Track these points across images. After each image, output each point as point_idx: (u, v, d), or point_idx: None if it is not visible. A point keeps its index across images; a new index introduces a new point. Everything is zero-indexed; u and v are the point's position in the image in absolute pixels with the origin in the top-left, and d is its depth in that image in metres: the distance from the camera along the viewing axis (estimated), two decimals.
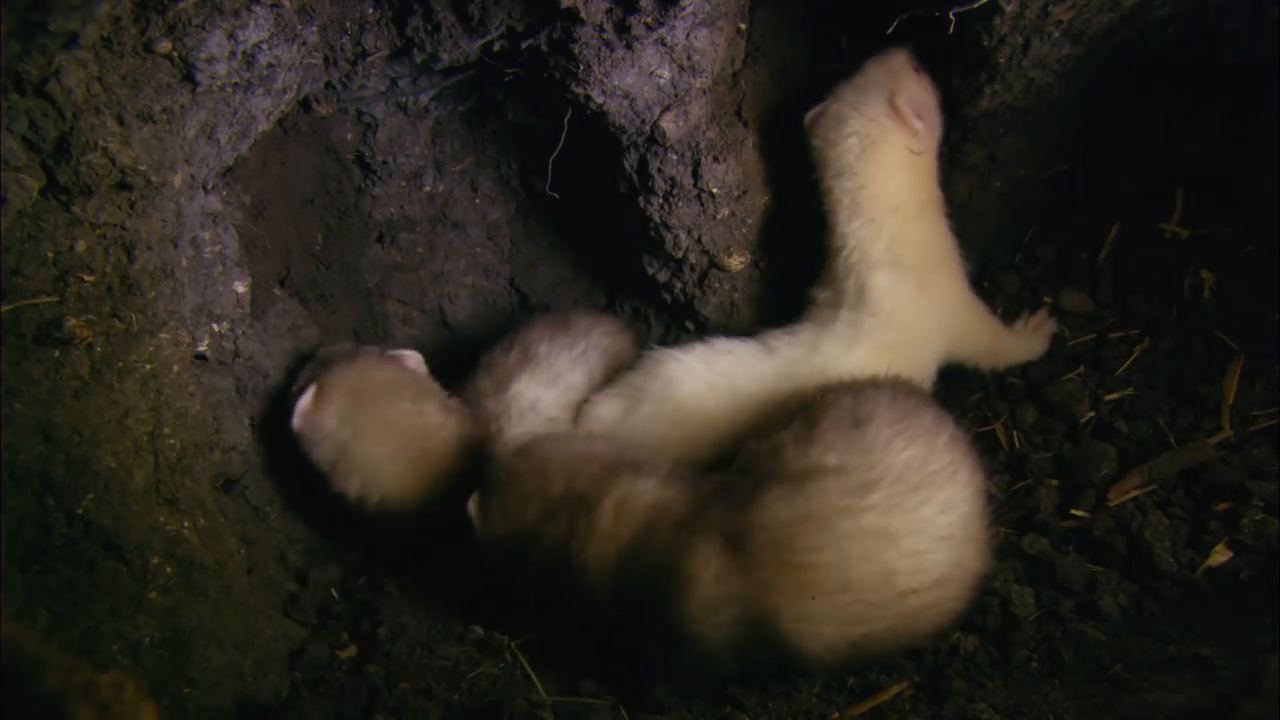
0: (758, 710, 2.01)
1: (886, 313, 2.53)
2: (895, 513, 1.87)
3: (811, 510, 1.89)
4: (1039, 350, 2.75)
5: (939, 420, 2.05)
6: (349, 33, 2.38)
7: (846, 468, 1.92)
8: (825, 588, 1.86)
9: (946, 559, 1.91)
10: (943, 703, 1.94)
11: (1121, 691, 1.86)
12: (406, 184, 2.95)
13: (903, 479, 1.89)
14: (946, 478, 1.93)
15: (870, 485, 1.89)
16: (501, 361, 2.78)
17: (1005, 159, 2.89)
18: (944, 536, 1.90)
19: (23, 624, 1.69)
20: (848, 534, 1.86)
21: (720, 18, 2.43)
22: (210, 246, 2.31)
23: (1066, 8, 2.40)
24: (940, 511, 1.90)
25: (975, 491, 1.98)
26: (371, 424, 2.52)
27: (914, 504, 1.88)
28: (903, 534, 1.87)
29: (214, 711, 1.91)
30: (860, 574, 1.86)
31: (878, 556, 1.86)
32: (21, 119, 1.79)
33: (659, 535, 2.01)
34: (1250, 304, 2.63)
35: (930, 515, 1.89)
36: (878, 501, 1.87)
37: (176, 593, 1.98)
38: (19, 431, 1.83)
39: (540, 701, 2.04)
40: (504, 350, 2.81)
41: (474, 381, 2.79)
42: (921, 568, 1.88)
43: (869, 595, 1.86)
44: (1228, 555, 2.12)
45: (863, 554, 1.85)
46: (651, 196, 2.70)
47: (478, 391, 2.75)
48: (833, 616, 1.88)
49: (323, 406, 2.49)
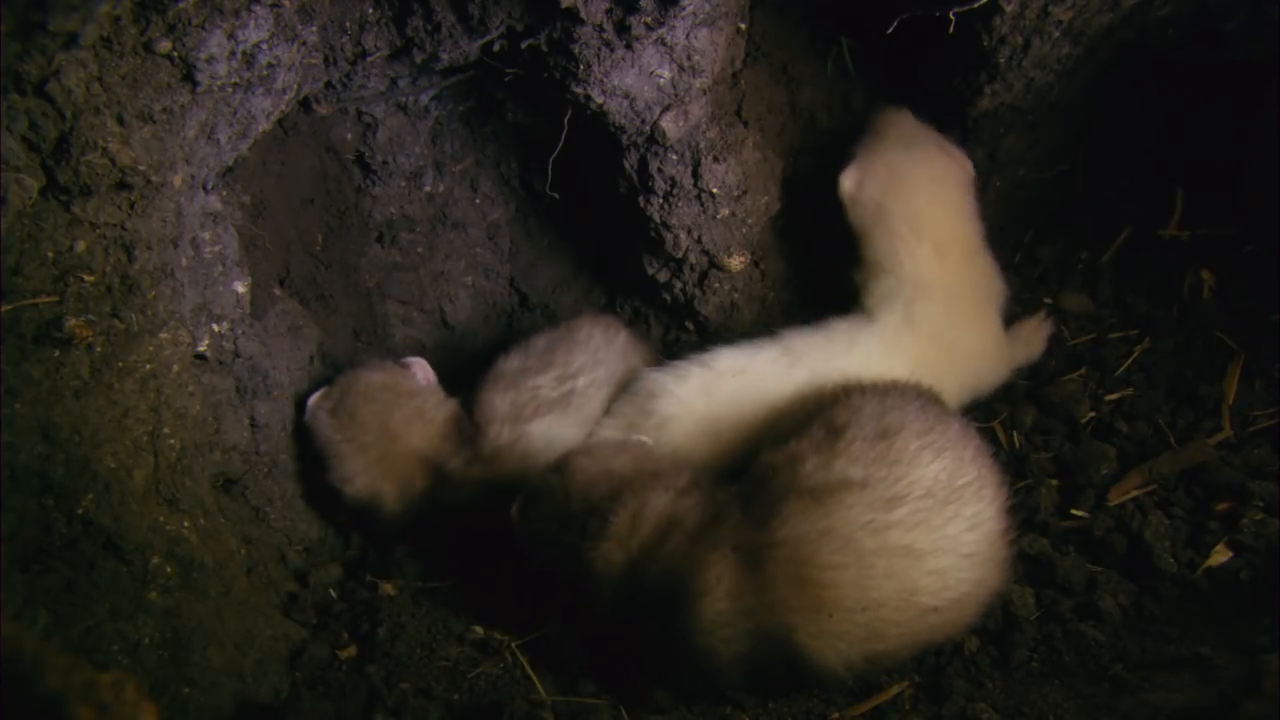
0: (758, 710, 2.01)
1: (927, 335, 2.52)
2: (922, 529, 1.80)
3: (833, 526, 1.81)
4: (1036, 354, 2.76)
5: (966, 432, 1.99)
6: (349, 33, 2.38)
7: (871, 481, 1.84)
8: (844, 606, 1.80)
9: (970, 576, 1.85)
10: (943, 703, 1.94)
11: (1121, 691, 1.86)
12: (406, 184, 2.95)
13: (931, 494, 1.82)
14: (974, 492, 1.87)
15: (896, 500, 1.81)
16: (528, 388, 2.64)
17: (1005, 159, 2.89)
18: (969, 554, 1.84)
19: (23, 624, 1.69)
20: (871, 551, 1.79)
21: (720, 18, 2.43)
22: (210, 246, 2.31)
23: (1066, 8, 2.40)
24: (967, 528, 1.84)
25: (1001, 507, 1.93)
26: (372, 425, 2.56)
27: (941, 520, 1.81)
28: (928, 551, 1.80)
29: (214, 711, 1.91)
30: (882, 593, 1.79)
31: (901, 574, 1.79)
32: (21, 119, 1.79)
33: (671, 546, 1.97)
34: (1250, 304, 2.63)
35: (957, 532, 1.83)
36: (904, 517, 1.80)
37: (176, 593, 1.98)
38: (19, 431, 1.83)
39: (540, 701, 2.04)
40: (534, 370, 2.67)
41: (488, 394, 2.66)
42: (946, 586, 1.82)
43: (890, 614, 1.80)
44: (1228, 555, 2.12)
45: (886, 572, 1.79)
46: (651, 196, 2.70)
47: (491, 408, 2.63)
48: (850, 634, 1.82)
49: (327, 404, 2.58)
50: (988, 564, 1.89)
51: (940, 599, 1.82)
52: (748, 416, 2.46)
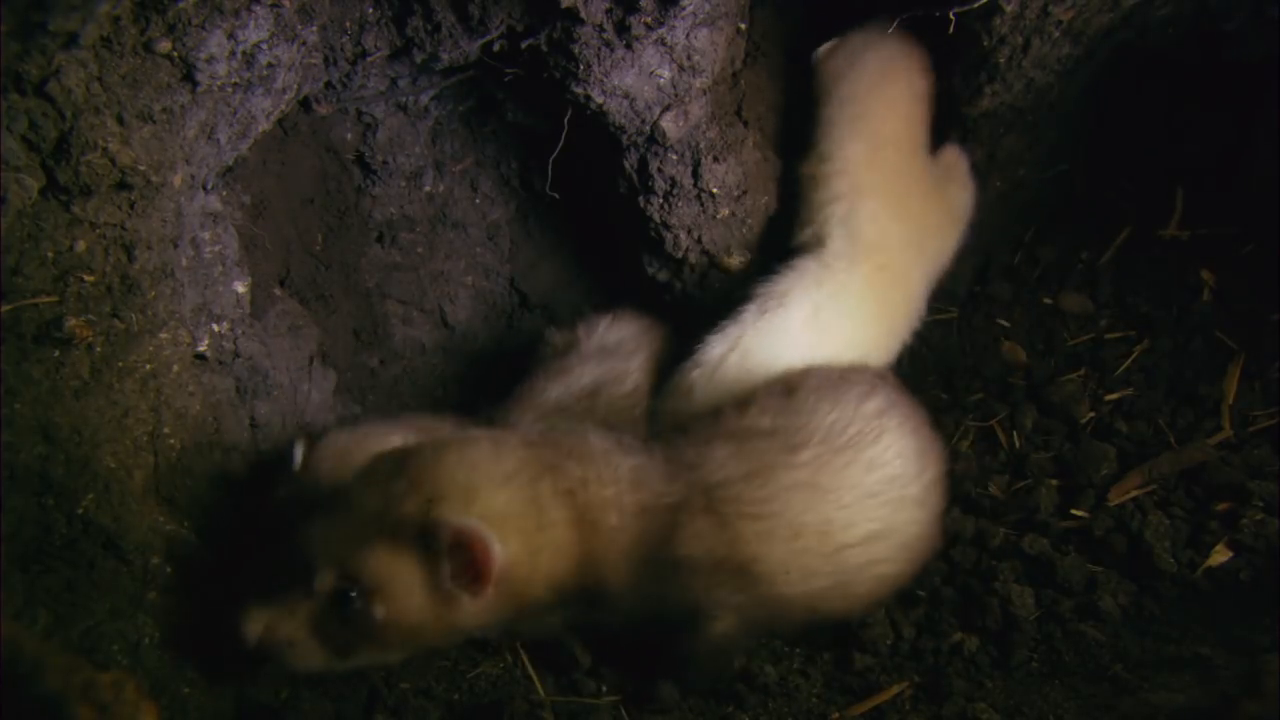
0: (758, 710, 2.01)
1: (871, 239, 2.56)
2: (825, 471, 2.04)
3: (755, 467, 2.03)
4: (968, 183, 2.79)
5: (870, 392, 2.18)
6: (349, 33, 2.38)
7: (779, 429, 2.10)
8: (780, 535, 1.99)
9: (876, 515, 2.05)
10: (943, 703, 1.94)
11: (1121, 691, 1.86)
12: (406, 184, 2.95)
13: (827, 441, 2.07)
14: (871, 440, 2.09)
15: (800, 445, 2.06)
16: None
17: (1005, 159, 2.89)
18: (871, 494, 2.05)
19: (23, 624, 1.69)
20: (787, 486, 2.02)
21: (720, 18, 2.43)
22: (210, 246, 2.31)
23: (1066, 8, 2.40)
24: (865, 471, 2.06)
25: (903, 455, 2.11)
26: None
27: (840, 464, 2.05)
28: (831, 489, 2.03)
29: (214, 711, 1.91)
30: (805, 522, 2.00)
31: (816, 508, 2.01)
32: (21, 119, 1.79)
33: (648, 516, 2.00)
34: (1250, 304, 2.63)
35: (856, 474, 2.05)
36: (808, 459, 2.04)
37: (177, 593, 1.97)
38: (19, 431, 1.83)
39: (540, 701, 2.04)
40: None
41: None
42: (853, 522, 2.03)
43: (814, 544, 2.00)
44: (1228, 555, 2.12)
45: (803, 506, 2.01)
46: (651, 196, 2.70)
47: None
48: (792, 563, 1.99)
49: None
50: (894, 506, 2.07)
51: (850, 535, 2.03)
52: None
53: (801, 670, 2.14)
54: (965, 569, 2.31)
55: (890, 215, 2.59)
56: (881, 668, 2.10)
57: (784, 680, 2.08)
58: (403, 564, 1.78)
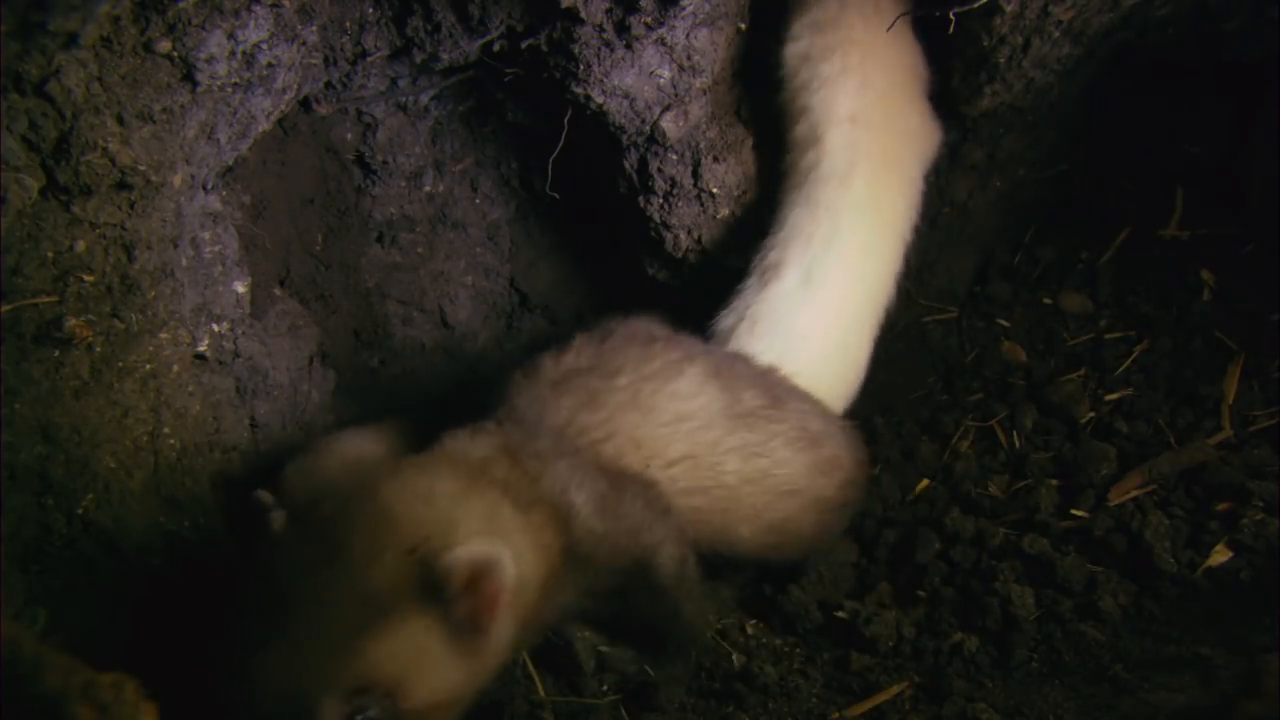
0: (758, 710, 2.01)
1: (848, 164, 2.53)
2: (641, 395, 2.21)
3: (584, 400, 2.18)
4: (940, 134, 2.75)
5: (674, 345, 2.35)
6: (349, 33, 2.38)
7: (596, 365, 2.27)
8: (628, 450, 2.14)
9: (690, 436, 2.22)
10: (943, 703, 1.94)
11: (1121, 691, 1.86)
12: (406, 184, 2.95)
13: (637, 369, 2.25)
14: (673, 373, 2.27)
15: (615, 372, 2.24)
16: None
17: (1005, 159, 2.89)
18: (681, 417, 2.22)
19: (23, 624, 1.69)
20: (617, 406, 2.18)
21: (720, 18, 2.43)
22: (210, 246, 2.31)
23: (1066, 8, 2.40)
24: (669, 400, 2.23)
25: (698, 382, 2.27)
26: None
27: (650, 390, 2.22)
28: (648, 410, 2.20)
29: None
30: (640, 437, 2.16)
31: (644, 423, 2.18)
32: (21, 119, 1.79)
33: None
34: (1250, 304, 2.63)
35: (663, 401, 2.23)
36: (625, 385, 2.21)
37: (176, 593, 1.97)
38: (19, 431, 1.83)
39: (540, 701, 2.04)
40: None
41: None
42: (674, 440, 2.20)
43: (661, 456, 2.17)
44: (1228, 555, 2.12)
45: (635, 422, 2.17)
46: (651, 196, 2.70)
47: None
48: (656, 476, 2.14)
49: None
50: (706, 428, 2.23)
51: (675, 450, 2.20)
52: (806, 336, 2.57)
53: (801, 670, 2.14)
54: (965, 569, 2.31)
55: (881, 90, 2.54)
56: (881, 668, 2.10)
57: (784, 680, 2.08)
58: (413, 633, 1.52)
